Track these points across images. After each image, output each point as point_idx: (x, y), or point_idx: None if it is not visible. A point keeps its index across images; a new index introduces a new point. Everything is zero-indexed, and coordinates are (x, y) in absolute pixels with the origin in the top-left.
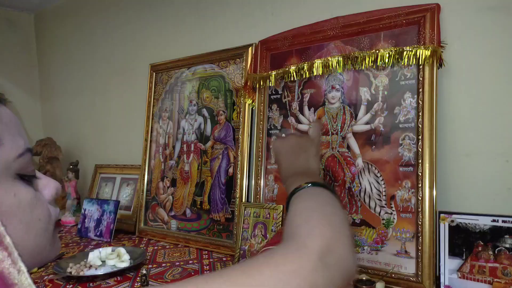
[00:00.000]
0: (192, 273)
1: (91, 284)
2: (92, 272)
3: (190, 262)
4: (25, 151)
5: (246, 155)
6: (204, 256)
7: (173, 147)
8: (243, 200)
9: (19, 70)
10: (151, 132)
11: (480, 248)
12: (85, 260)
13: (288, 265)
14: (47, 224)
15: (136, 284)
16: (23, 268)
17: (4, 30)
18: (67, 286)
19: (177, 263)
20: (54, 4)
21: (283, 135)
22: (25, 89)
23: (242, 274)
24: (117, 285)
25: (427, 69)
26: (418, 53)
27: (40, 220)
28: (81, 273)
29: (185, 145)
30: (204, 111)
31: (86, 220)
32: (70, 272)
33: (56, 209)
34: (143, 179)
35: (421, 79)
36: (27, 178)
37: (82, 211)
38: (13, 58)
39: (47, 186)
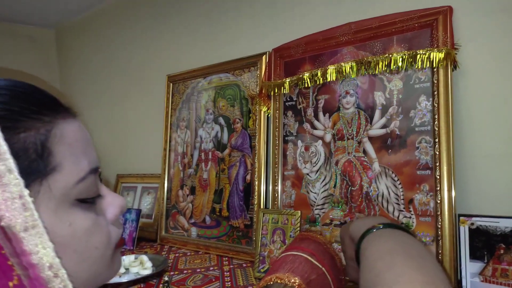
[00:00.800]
0: (213, 280)
1: None
2: (116, 279)
3: (211, 268)
4: (87, 174)
5: (263, 162)
6: (224, 262)
7: (191, 155)
8: (261, 207)
9: (40, 85)
10: (170, 141)
11: (502, 251)
12: None
13: None
14: (105, 250)
15: None
16: None
17: (26, 46)
18: None
19: (198, 270)
20: (74, 20)
21: None
22: None
23: None
24: None
25: (441, 71)
26: (431, 56)
27: (97, 248)
28: None
29: (203, 154)
30: (221, 120)
31: None
32: None
33: (119, 229)
34: (163, 188)
35: (435, 81)
36: (90, 201)
37: None
38: (35, 73)
39: (111, 204)
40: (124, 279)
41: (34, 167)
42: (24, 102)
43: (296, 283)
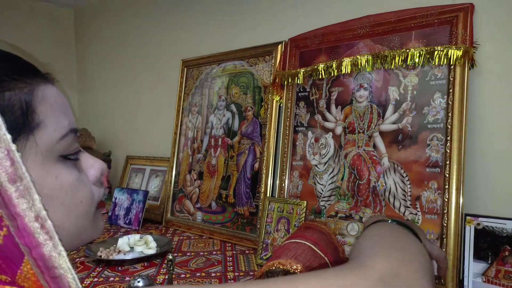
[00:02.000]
0: (216, 263)
1: (119, 268)
2: (120, 256)
3: (214, 253)
4: (68, 132)
5: (272, 151)
6: (227, 248)
7: (201, 141)
8: (268, 195)
9: (58, 63)
10: (181, 126)
11: (507, 253)
12: (114, 245)
13: (339, 280)
14: (89, 207)
15: (162, 269)
16: (63, 252)
17: (46, 25)
18: (97, 269)
19: (201, 253)
20: (93, 0)
21: None
22: (63, 82)
23: (287, 284)
24: (144, 270)
25: (458, 69)
26: (449, 53)
27: (82, 203)
28: (111, 257)
29: (213, 140)
30: (233, 107)
31: (116, 208)
32: (100, 256)
33: (101, 189)
34: (171, 171)
35: (451, 79)
36: (72, 158)
37: (113, 199)
38: (53, 51)
39: (93, 166)
40: (129, 256)
41: (20, 123)
42: (7, 65)
43: (298, 270)
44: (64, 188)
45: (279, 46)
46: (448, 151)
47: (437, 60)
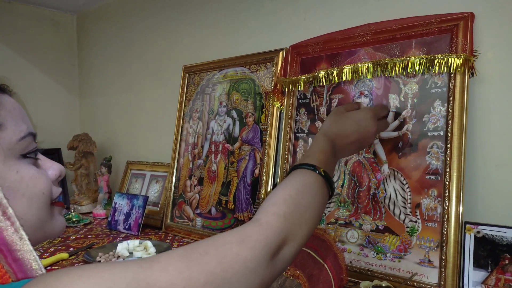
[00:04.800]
0: None
1: None
2: None
3: None
4: (27, 134)
5: (272, 157)
6: None
7: (202, 146)
8: None
9: (60, 69)
10: (181, 132)
11: (507, 261)
12: (113, 250)
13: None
14: (50, 199)
15: None
16: (25, 236)
17: (49, 30)
18: None
19: None
20: (96, 6)
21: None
22: (65, 87)
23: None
24: None
25: (458, 77)
26: (449, 61)
27: (44, 194)
28: None
29: (213, 145)
30: (233, 113)
31: (116, 214)
32: (100, 261)
33: (58, 188)
34: (172, 177)
35: (452, 87)
36: (32, 157)
37: (113, 204)
38: (56, 57)
39: (51, 167)
40: None
41: None
42: None
43: (297, 277)
44: (25, 180)
45: (280, 53)
46: (448, 158)
47: (437, 68)
